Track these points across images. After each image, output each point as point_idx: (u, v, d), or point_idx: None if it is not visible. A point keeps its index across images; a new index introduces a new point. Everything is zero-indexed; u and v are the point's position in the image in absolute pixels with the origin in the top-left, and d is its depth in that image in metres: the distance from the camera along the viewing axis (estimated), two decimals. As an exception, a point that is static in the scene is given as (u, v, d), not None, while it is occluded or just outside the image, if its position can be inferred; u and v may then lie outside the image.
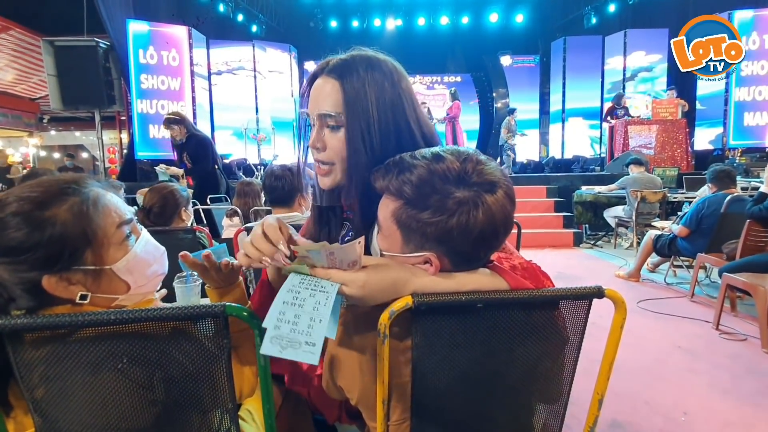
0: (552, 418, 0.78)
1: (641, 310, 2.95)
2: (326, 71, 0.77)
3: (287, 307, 0.58)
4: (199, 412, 0.64)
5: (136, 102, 6.76)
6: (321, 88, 0.77)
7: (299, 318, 0.57)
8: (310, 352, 0.56)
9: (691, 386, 2.01)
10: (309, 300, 0.59)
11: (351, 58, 0.78)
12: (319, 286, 0.61)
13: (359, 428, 1.11)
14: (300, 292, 0.60)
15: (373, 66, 0.77)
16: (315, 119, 0.78)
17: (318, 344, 0.56)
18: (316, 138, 0.77)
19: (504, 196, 0.64)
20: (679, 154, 6.66)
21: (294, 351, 0.55)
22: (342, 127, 0.75)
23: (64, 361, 0.54)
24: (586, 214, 5.99)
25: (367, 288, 0.62)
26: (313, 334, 0.57)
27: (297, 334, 0.56)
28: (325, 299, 0.59)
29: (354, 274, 0.62)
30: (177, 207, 1.92)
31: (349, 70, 0.76)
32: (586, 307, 0.68)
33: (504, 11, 10.66)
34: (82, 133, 15.11)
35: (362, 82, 0.75)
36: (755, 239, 2.73)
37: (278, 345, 0.55)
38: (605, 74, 8.73)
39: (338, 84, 0.75)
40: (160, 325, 0.57)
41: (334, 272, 0.62)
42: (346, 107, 0.75)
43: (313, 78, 0.80)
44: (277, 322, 0.57)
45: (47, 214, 0.62)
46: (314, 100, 0.78)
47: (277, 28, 10.47)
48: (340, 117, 0.75)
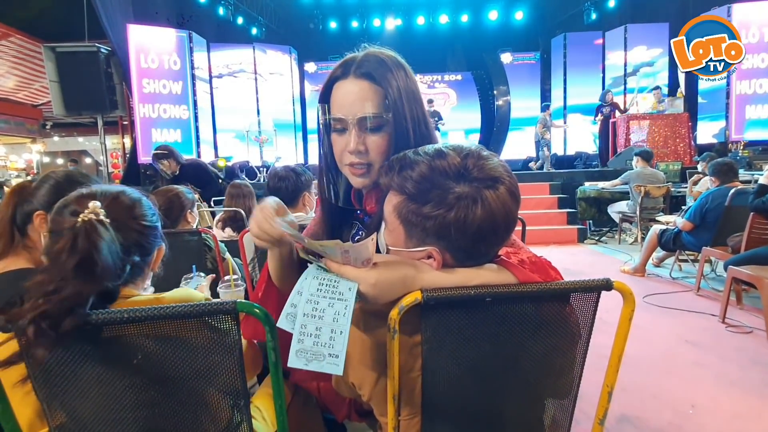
0: (561, 412, 0.79)
1: (647, 305, 2.94)
2: (354, 73, 0.76)
3: (308, 319, 0.59)
4: (211, 407, 0.64)
5: (138, 106, 6.79)
6: (355, 92, 0.76)
7: (320, 330, 0.59)
8: (334, 363, 0.58)
9: (698, 379, 2.00)
10: (328, 311, 0.60)
11: (375, 58, 0.77)
12: (337, 294, 0.61)
13: (369, 426, 1.12)
14: (319, 302, 0.60)
15: (396, 64, 0.78)
16: (352, 123, 0.76)
17: (341, 356, 0.58)
18: (357, 142, 0.76)
19: (506, 193, 0.64)
20: (682, 149, 6.64)
21: (318, 363, 0.58)
22: (383, 127, 0.76)
23: (86, 358, 0.55)
24: (590, 209, 5.98)
25: (378, 286, 0.62)
26: (335, 346, 0.58)
27: (320, 347, 0.58)
28: (344, 309, 0.60)
29: (365, 272, 0.62)
30: (183, 209, 1.93)
31: (382, 70, 0.76)
32: (595, 300, 0.68)
33: (503, 9, 10.64)
34: (85, 138, 15.18)
35: (396, 80, 0.75)
36: (759, 232, 2.72)
37: (303, 358, 0.58)
38: (606, 70, 8.71)
39: (374, 85, 0.75)
40: (173, 321, 0.58)
41: (347, 269, 0.62)
42: (390, 107, 0.75)
43: (333, 81, 0.79)
44: (300, 336, 0.59)
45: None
46: (349, 104, 0.76)
47: (276, 30, 10.49)
48: (382, 118, 0.75)
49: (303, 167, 2.04)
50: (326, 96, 0.80)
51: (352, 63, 0.77)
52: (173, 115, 7.07)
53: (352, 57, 0.79)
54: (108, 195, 0.72)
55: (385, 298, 0.63)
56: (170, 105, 7.02)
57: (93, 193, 0.70)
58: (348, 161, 0.79)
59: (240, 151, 8.28)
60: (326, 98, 0.80)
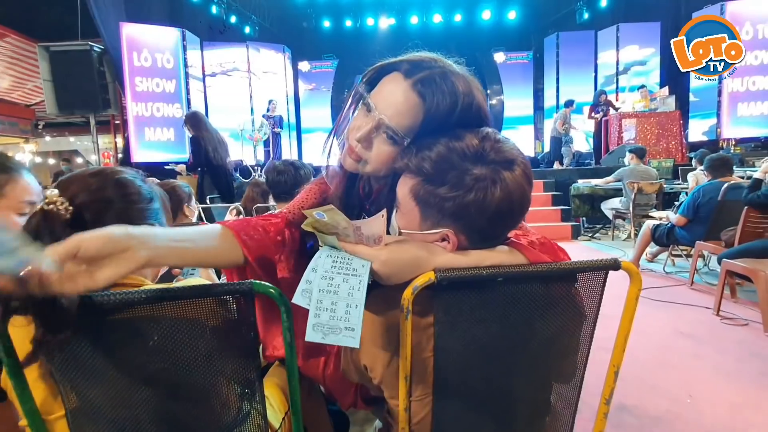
0: (569, 393, 0.80)
1: (642, 299, 2.92)
2: (414, 83, 0.69)
3: (323, 294, 0.61)
4: (226, 390, 0.64)
5: (131, 105, 6.73)
6: (399, 99, 0.69)
7: (336, 305, 0.60)
8: (350, 336, 0.59)
9: (695, 370, 2.03)
10: (343, 285, 0.61)
11: (448, 85, 0.69)
12: (351, 270, 0.62)
13: (374, 413, 1.12)
14: (333, 278, 0.62)
15: (466, 104, 0.70)
16: (375, 118, 0.71)
17: (357, 329, 0.60)
18: (366, 135, 0.72)
19: (522, 175, 0.65)
20: (673, 146, 6.72)
21: (335, 336, 0.59)
22: (396, 144, 0.71)
23: (100, 340, 0.54)
24: (584, 206, 6.03)
25: (389, 264, 0.63)
26: (351, 320, 0.60)
27: (336, 321, 0.60)
28: (358, 283, 0.61)
29: (377, 251, 0.63)
30: (180, 203, 1.92)
31: (433, 95, 0.68)
32: (602, 280, 0.70)
33: (496, 8, 10.70)
34: (76, 138, 15.02)
35: (440, 115, 0.68)
36: (754, 225, 2.76)
37: (320, 332, 0.59)
38: (598, 69, 8.79)
39: (421, 105, 0.69)
40: (189, 303, 0.58)
41: (359, 247, 0.63)
42: (413, 137, 0.70)
43: (393, 68, 0.73)
44: (316, 311, 0.60)
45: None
46: (385, 103, 0.70)
47: (270, 28, 10.45)
48: (401, 139, 0.70)
49: (301, 162, 2.04)
50: (380, 74, 0.74)
51: (420, 70, 0.70)
52: (166, 114, 7.02)
53: (428, 63, 0.71)
54: (76, 178, 0.71)
55: (397, 279, 0.64)
56: (163, 104, 6.97)
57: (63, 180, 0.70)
58: (351, 141, 0.75)
59: (234, 150, 8.22)
60: (378, 77, 0.74)
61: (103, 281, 0.53)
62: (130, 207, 0.73)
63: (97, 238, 0.53)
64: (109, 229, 0.54)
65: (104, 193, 0.71)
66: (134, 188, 0.75)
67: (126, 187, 0.74)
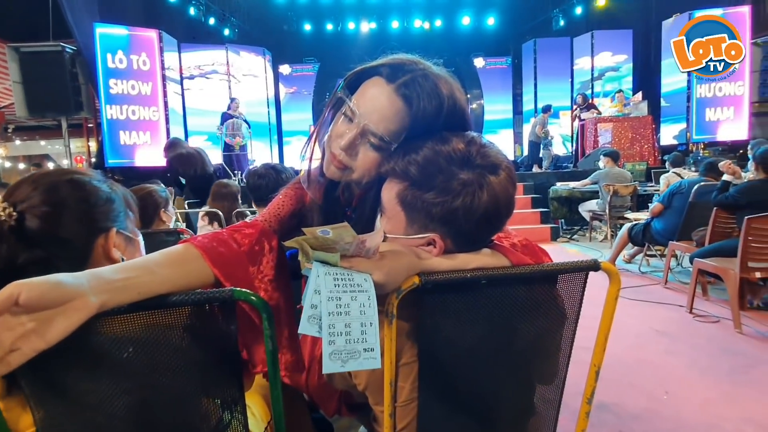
0: (551, 393, 0.80)
1: (619, 298, 3.03)
2: (397, 87, 0.68)
3: (334, 318, 0.56)
4: (205, 401, 0.63)
5: (105, 108, 6.54)
6: (383, 105, 0.68)
7: (350, 326, 0.56)
8: (371, 357, 0.56)
9: (670, 367, 2.09)
10: (353, 304, 0.57)
11: (431, 89, 0.68)
12: (356, 286, 0.59)
13: (359, 420, 1.11)
14: (341, 297, 0.57)
15: (450, 108, 0.69)
16: (359, 125, 0.69)
17: (376, 348, 0.56)
18: (351, 143, 0.69)
19: (507, 179, 0.66)
20: (646, 149, 6.95)
21: (355, 361, 0.55)
22: (383, 150, 0.69)
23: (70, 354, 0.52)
24: (562, 209, 6.16)
25: (391, 274, 0.61)
26: (368, 339, 0.56)
27: (354, 344, 0.56)
28: (367, 299, 0.58)
29: (378, 262, 0.61)
30: (156, 208, 1.86)
31: (418, 99, 0.67)
32: (583, 281, 0.71)
33: (475, 14, 10.89)
34: (47, 142, 14.50)
35: (427, 119, 0.67)
36: (723, 226, 2.87)
37: (338, 360, 0.55)
38: (574, 74, 9.04)
39: (406, 111, 0.68)
40: (166, 312, 0.56)
41: (358, 260, 0.61)
42: (400, 141, 0.69)
43: (374, 72, 0.71)
44: (330, 337, 0.55)
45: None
46: (370, 109, 0.68)
47: (250, 31, 10.35)
48: (387, 144, 0.68)
49: (282, 165, 2.02)
50: (360, 78, 0.72)
51: (402, 74, 0.68)
52: (143, 117, 6.85)
53: (409, 66, 0.70)
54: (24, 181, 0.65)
55: (393, 286, 0.63)
56: (139, 106, 6.80)
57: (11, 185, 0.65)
58: (335, 150, 0.72)
59: (214, 155, 8.08)
60: (358, 81, 0.72)
61: (55, 339, 0.47)
62: (89, 209, 0.66)
63: (39, 284, 0.46)
64: (53, 275, 0.48)
65: (56, 194, 0.63)
66: (91, 188, 0.68)
67: (81, 186, 0.67)
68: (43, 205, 0.62)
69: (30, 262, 0.60)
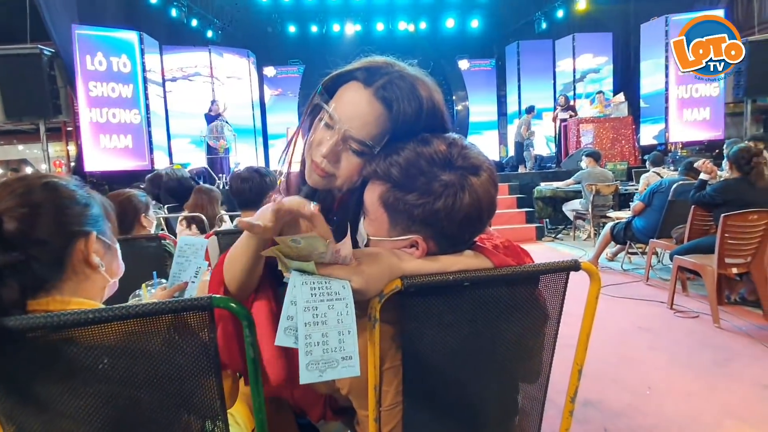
0: (535, 392, 0.81)
1: (602, 296, 3.06)
2: (376, 91, 0.67)
3: (311, 328, 0.55)
4: (185, 410, 0.61)
5: (85, 111, 6.40)
6: (364, 110, 0.67)
7: (328, 336, 0.55)
8: (349, 366, 0.55)
9: (652, 363, 2.13)
10: (330, 313, 0.57)
11: (410, 91, 0.67)
12: (333, 294, 0.58)
13: (345, 424, 1.11)
14: (317, 306, 0.56)
15: (430, 109, 0.69)
16: (340, 132, 0.67)
17: (354, 356, 0.56)
18: (332, 150, 0.68)
19: (488, 180, 0.66)
20: (627, 149, 7.10)
21: (333, 370, 0.55)
22: (366, 154, 0.68)
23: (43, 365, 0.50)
24: (546, 208, 6.25)
25: (370, 281, 0.61)
26: (346, 348, 0.56)
27: (331, 353, 0.55)
28: (345, 307, 0.57)
29: (354, 268, 0.60)
30: (136, 213, 1.83)
31: (398, 101, 0.67)
32: (564, 281, 0.72)
33: (460, 17, 10.97)
34: (25, 146, 14.12)
35: (408, 121, 0.67)
36: (700, 223, 2.95)
37: (316, 370, 0.54)
38: (557, 76, 9.19)
39: (387, 115, 0.67)
40: (143, 321, 0.55)
41: (334, 268, 0.60)
42: (382, 144, 0.68)
43: (350, 77, 0.70)
44: (307, 348, 0.54)
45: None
46: (349, 114, 0.68)
47: (234, 33, 10.24)
48: (370, 148, 0.68)
49: (265, 169, 2.00)
50: (336, 84, 0.71)
51: (379, 77, 0.68)
52: (123, 120, 6.72)
53: (385, 68, 0.69)
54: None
55: (373, 292, 0.62)
56: (120, 109, 6.67)
57: None
58: (316, 158, 0.71)
59: (197, 158, 7.98)
60: (334, 87, 0.71)
61: None
62: (65, 211, 0.66)
63: None
64: None
65: (31, 197, 0.63)
66: (66, 191, 0.67)
67: (56, 190, 0.66)
68: (19, 207, 0.62)
69: (7, 265, 0.59)
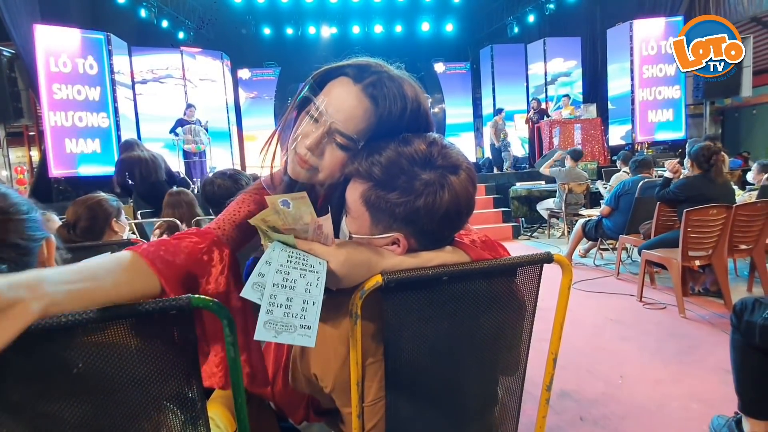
0: (513, 383, 0.84)
1: (575, 291, 3.20)
2: (365, 87, 0.69)
3: (278, 289, 0.56)
4: (164, 414, 0.60)
5: (49, 114, 6.13)
6: (351, 104, 0.68)
7: (292, 301, 0.56)
8: (306, 335, 0.55)
9: (624, 352, 2.22)
10: (300, 281, 0.58)
11: (397, 90, 0.69)
12: (308, 266, 0.59)
13: (328, 425, 1.10)
14: (289, 272, 0.58)
15: (414, 110, 0.71)
16: (326, 125, 0.68)
17: (313, 327, 0.56)
18: (317, 143, 0.69)
19: (467, 179, 0.68)
20: (597, 149, 7.35)
21: (289, 335, 0.55)
22: (350, 149, 0.69)
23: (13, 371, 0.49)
24: (522, 208, 6.40)
25: (347, 265, 0.62)
26: (307, 317, 0.56)
27: (291, 318, 0.55)
28: (316, 280, 0.58)
29: (335, 249, 0.62)
30: (107, 218, 1.77)
31: (385, 99, 0.68)
32: (538, 273, 0.74)
33: (435, 21, 11.13)
34: (-19, 152, 13.39)
35: (392, 119, 0.69)
36: (665, 219, 3.08)
37: (272, 330, 0.54)
38: (529, 79, 9.41)
39: (373, 110, 0.68)
40: (119, 323, 0.54)
41: (315, 245, 0.61)
42: (367, 141, 0.69)
43: (340, 72, 0.71)
44: (269, 306, 0.55)
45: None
46: (337, 108, 0.68)
47: (206, 35, 10.06)
48: (355, 142, 0.69)
49: (238, 172, 1.98)
50: (325, 78, 0.72)
51: (369, 74, 0.69)
52: (90, 124, 6.47)
53: (375, 68, 0.71)
54: None
55: (349, 281, 0.63)
56: (87, 112, 6.41)
57: None
58: (300, 150, 0.71)
59: (170, 162, 7.75)
60: (323, 80, 0.72)
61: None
62: (10, 219, 0.63)
63: None
64: None
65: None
66: (11, 199, 0.65)
67: (5, 198, 0.64)
68: None
69: None
